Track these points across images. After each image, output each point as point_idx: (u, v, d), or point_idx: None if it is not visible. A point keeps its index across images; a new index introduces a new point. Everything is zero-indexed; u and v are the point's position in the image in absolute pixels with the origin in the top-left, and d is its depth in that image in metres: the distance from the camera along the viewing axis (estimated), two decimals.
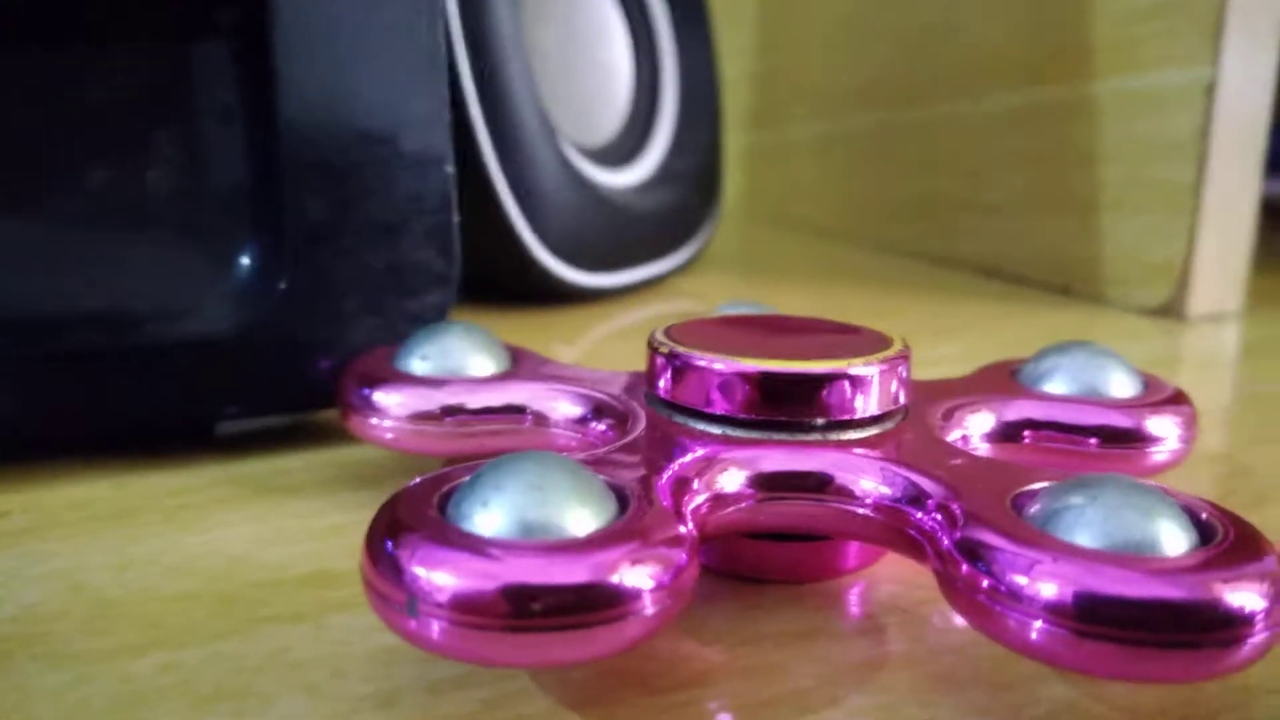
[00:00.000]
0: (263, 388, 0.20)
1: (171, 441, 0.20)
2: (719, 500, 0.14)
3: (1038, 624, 0.11)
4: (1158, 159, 0.33)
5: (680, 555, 0.12)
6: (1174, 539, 0.12)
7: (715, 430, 0.15)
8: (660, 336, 0.16)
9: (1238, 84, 0.31)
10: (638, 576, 0.11)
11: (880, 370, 0.15)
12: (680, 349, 0.16)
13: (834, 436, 0.15)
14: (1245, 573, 0.11)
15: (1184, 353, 0.30)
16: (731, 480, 0.14)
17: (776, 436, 0.15)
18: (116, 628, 0.14)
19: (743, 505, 0.14)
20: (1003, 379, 0.19)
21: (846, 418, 0.15)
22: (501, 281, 0.32)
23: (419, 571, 0.11)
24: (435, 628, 0.11)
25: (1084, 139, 0.35)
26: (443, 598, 0.11)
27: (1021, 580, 0.11)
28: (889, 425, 0.15)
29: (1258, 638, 0.11)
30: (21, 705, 0.12)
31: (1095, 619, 0.11)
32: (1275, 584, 0.11)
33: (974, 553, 0.12)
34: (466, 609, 0.11)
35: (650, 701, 0.13)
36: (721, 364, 0.15)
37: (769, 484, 0.14)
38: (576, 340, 0.30)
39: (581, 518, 0.12)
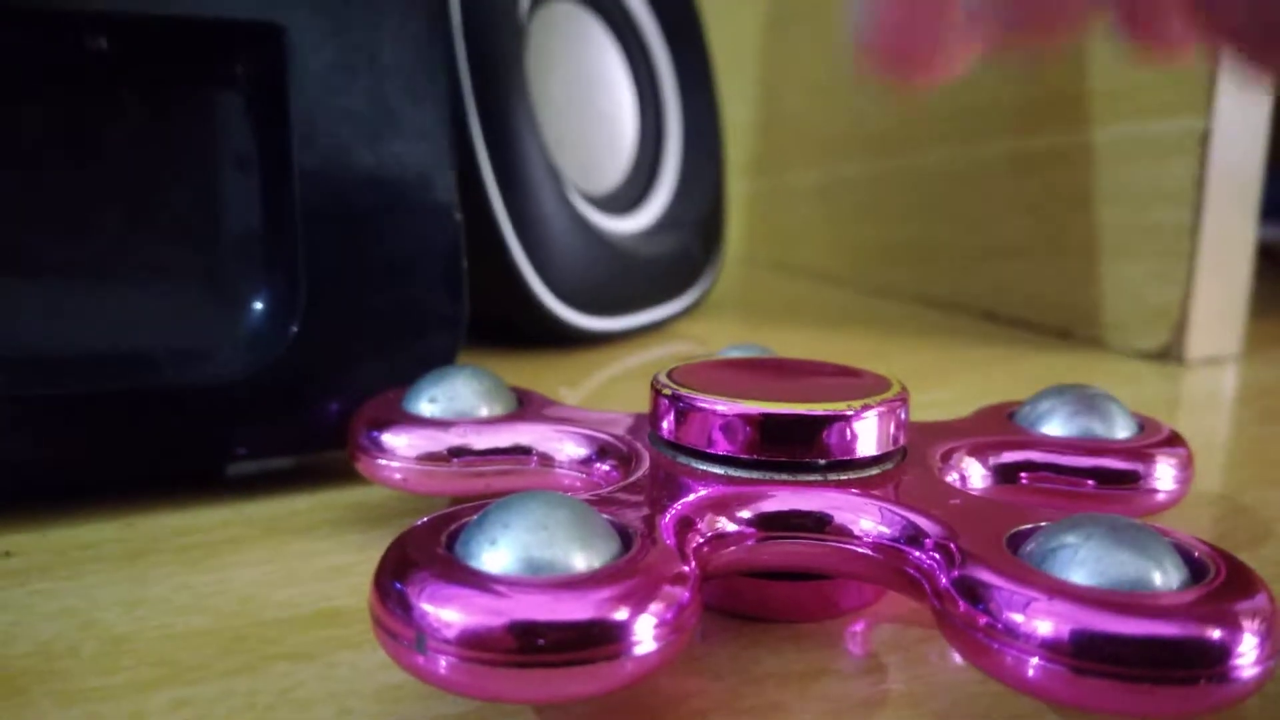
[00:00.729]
0: (273, 429, 0.21)
1: (182, 482, 0.21)
2: (721, 539, 0.14)
3: (1034, 661, 0.11)
4: (1155, 205, 0.33)
5: (683, 593, 0.12)
6: (1166, 576, 0.12)
7: (718, 470, 0.15)
8: (663, 379, 0.17)
9: (1232, 132, 0.32)
10: (640, 614, 0.11)
11: (879, 412, 0.15)
12: (683, 391, 0.16)
13: (834, 477, 0.15)
14: (1237, 609, 0.11)
15: (1183, 396, 0.30)
16: (733, 520, 0.15)
17: (778, 477, 0.15)
18: (128, 665, 0.14)
19: (745, 544, 0.15)
20: (1000, 421, 0.19)
21: (846, 458, 0.15)
22: (508, 325, 0.33)
23: (427, 608, 0.11)
24: (443, 663, 0.11)
25: (1081, 185, 0.36)
26: (450, 634, 0.11)
27: (1018, 618, 0.12)
28: (888, 466, 0.16)
29: (1250, 672, 0.11)
30: None
31: (1090, 656, 0.11)
32: (1266, 619, 0.11)
33: (971, 591, 0.12)
34: (474, 645, 0.11)
35: None
36: (724, 406, 0.15)
37: (770, 523, 0.15)
38: (581, 383, 0.30)
39: (586, 556, 0.12)
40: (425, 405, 0.19)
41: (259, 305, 0.21)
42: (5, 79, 0.20)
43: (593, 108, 0.36)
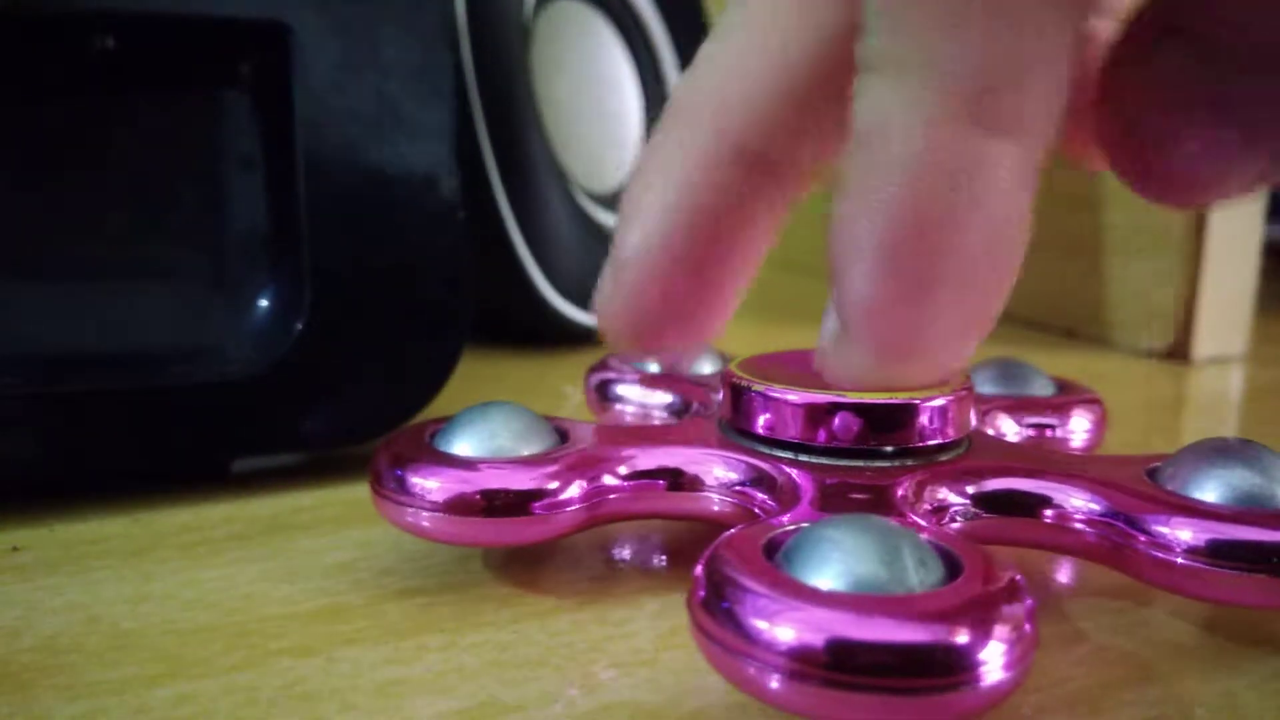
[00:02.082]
0: (278, 426, 0.21)
1: (187, 479, 0.21)
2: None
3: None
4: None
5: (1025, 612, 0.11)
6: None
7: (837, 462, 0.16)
8: (759, 385, 0.16)
9: None
10: (989, 639, 0.11)
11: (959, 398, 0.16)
12: (776, 388, 0.16)
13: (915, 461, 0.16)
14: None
15: (1188, 395, 0.30)
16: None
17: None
18: (133, 659, 0.14)
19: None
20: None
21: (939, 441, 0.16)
22: (512, 322, 0.33)
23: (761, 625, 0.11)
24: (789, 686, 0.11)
25: (1087, 183, 0.36)
26: (807, 650, 0.11)
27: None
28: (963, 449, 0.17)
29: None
30: None
31: (829, 665, 0.11)
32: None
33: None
34: (829, 664, 0.11)
35: None
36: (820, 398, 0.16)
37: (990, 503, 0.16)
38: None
39: (922, 578, 0.12)
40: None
41: (264, 303, 0.22)
42: (12, 78, 0.20)
43: (598, 106, 0.36)
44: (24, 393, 0.19)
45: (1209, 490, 0.15)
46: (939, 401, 0.16)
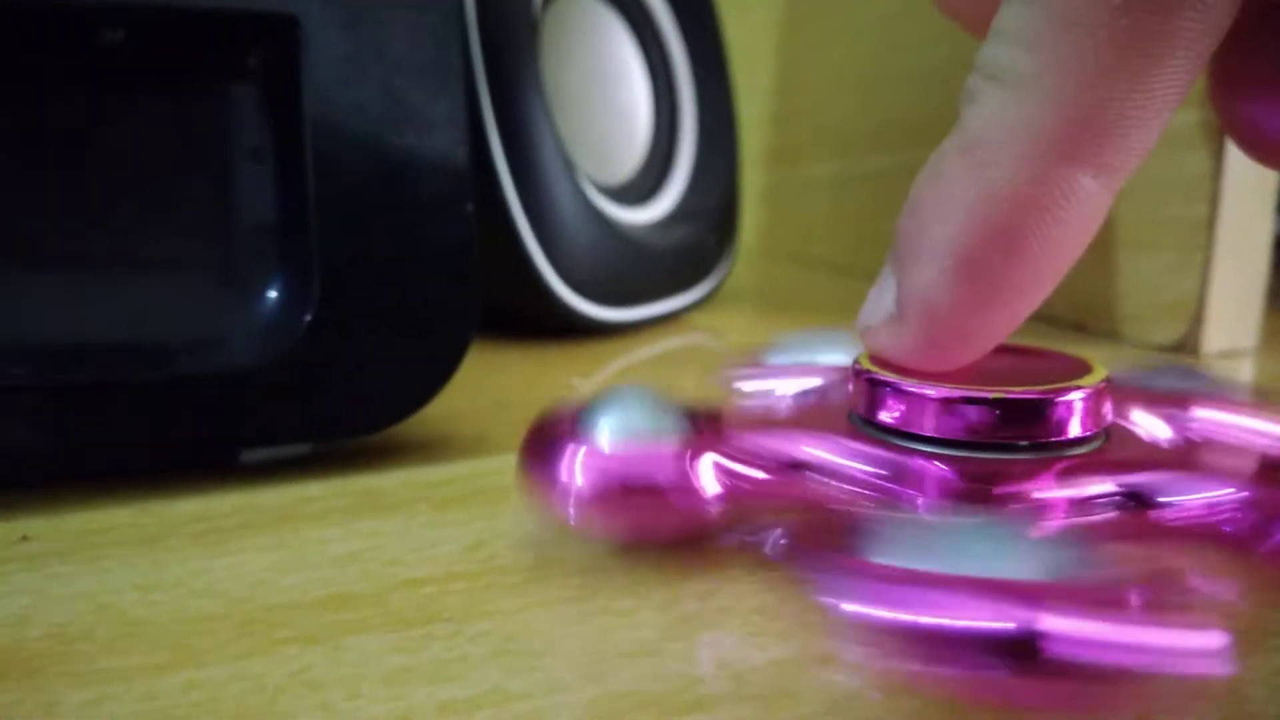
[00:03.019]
0: (286, 417, 0.21)
1: (196, 469, 0.21)
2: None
3: None
4: (1171, 198, 0.33)
5: None
6: None
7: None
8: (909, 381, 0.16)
9: None
10: None
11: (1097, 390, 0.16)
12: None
13: (1066, 453, 0.16)
14: None
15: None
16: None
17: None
18: (141, 647, 0.14)
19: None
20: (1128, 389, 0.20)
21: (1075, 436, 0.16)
22: (521, 314, 0.33)
23: None
24: None
25: None
26: None
27: None
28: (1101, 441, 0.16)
29: None
30: None
31: None
32: None
33: None
34: None
35: None
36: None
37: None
38: (593, 374, 0.31)
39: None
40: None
41: (273, 295, 0.22)
42: (22, 70, 0.20)
43: (607, 99, 0.36)
44: (34, 383, 0.19)
45: None
46: (1074, 396, 0.16)
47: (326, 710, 0.13)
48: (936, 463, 0.16)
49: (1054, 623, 0.11)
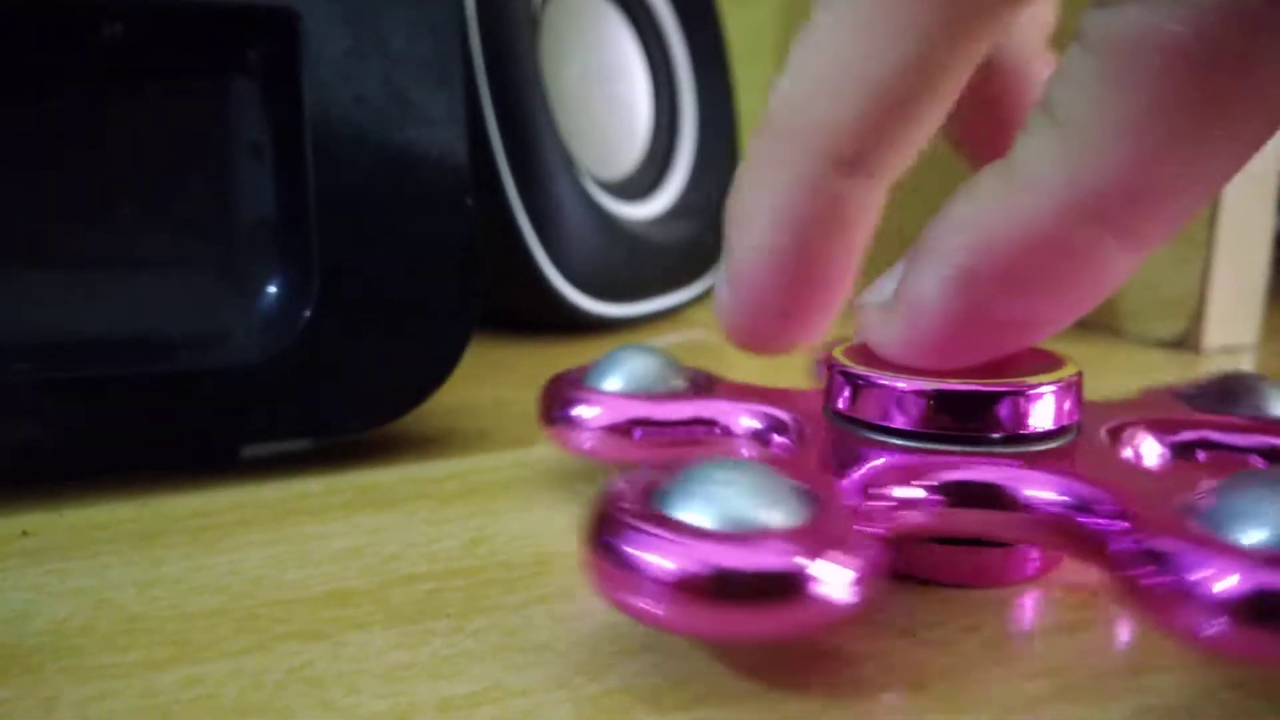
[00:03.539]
0: (286, 413, 0.21)
1: (196, 464, 0.21)
2: (904, 505, 0.15)
3: (1214, 621, 0.12)
4: None
5: (862, 547, 0.13)
6: None
7: (897, 442, 0.16)
8: (839, 357, 0.17)
9: None
10: (827, 563, 0.12)
11: (1057, 389, 0.16)
12: (861, 369, 0.17)
13: (1008, 450, 0.16)
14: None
15: None
16: (916, 487, 0.15)
17: (954, 449, 0.16)
18: (141, 643, 0.14)
19: (927, 510, 0.15)
20: (1168, 401, 0.20)
21: (1022, 433, 0.16)
22: (521, 310, 0.33)
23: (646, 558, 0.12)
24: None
25: None
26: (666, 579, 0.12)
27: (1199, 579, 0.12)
28: (1064, 440, 0.16)
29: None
30: (48, 718, 0.13)
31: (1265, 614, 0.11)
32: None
33: (1154, 556, 0.12)
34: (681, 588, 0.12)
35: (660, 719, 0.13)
36: (904, 383, 0.16)
37: (952, 492, 0.15)
38: None
39: (779, 514, 0.13)
40: (610, 382, 0.20)
41: (273, 290, 0.22)
42: (22, 66, 0.20)
43: (608, 94, 0.36)
44: (34, 379, 0.19)
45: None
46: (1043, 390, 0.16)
47: (326, 706, 0.13)
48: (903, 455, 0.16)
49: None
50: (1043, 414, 0.16)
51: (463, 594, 0.16)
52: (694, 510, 0.13)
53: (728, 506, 0.13)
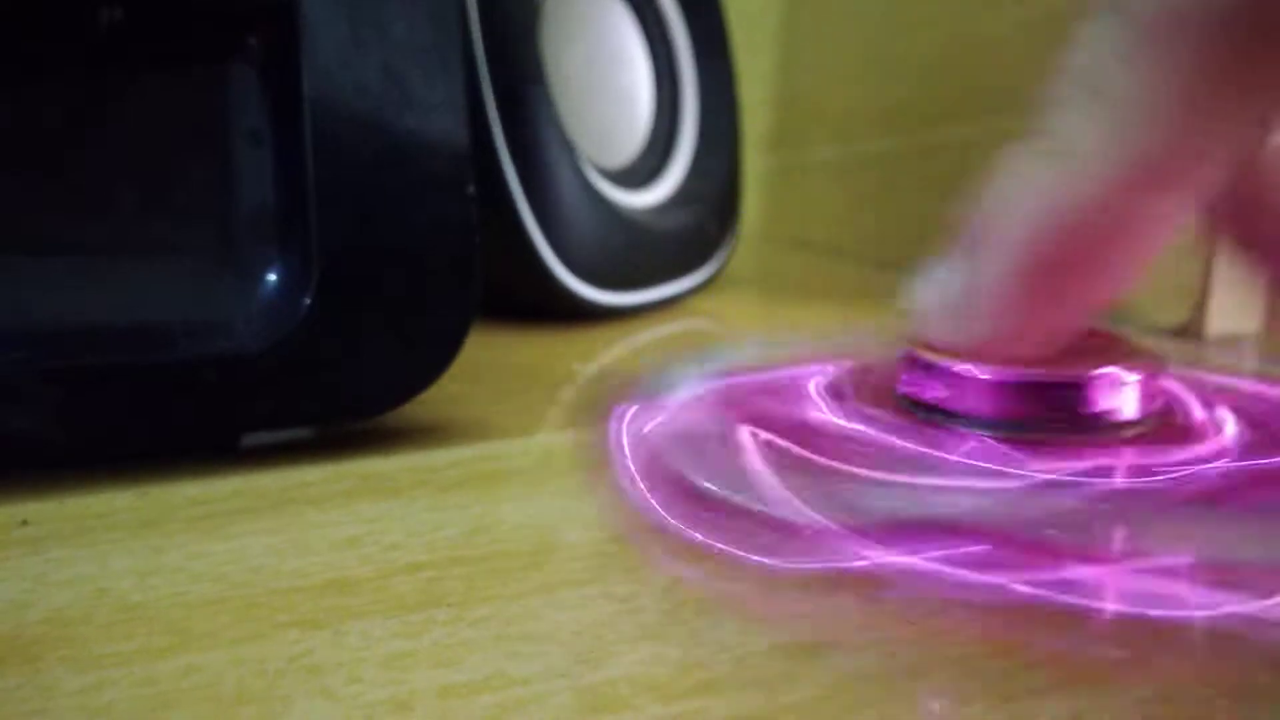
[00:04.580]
0: (286, 401, 0.21)
1: (196, 453, 0.21)
2: None
3: None
4: None
5: None
6: None
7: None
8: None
9: None
10: None
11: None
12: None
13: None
14: None
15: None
16: None
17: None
18: (141, 632, 0.14)
19: None
20: None
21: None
22: (522, 299, 0.33)
23: None
24: None
25: None
26: None
27: None
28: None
29: None
30: (48, 706, 0.13)
31: None
32: None
33: None
34: None
35: (660, 710, 0.13)
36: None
37: None
38: (594, 357, 0.30)
39: None
40: None
41: (272, 279, 0.21)
42: (21, 52, 0.20)
43: (609, 82, 0.36)
44: (34, 368, 0.19)
45: None
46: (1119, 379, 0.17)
47: (327, 695, 0.13)
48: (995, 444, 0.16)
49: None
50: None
51: (463, 583, 0.16)
52: None
53: None
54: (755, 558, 0.15)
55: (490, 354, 0.29)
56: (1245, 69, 0.13)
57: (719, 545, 0.15)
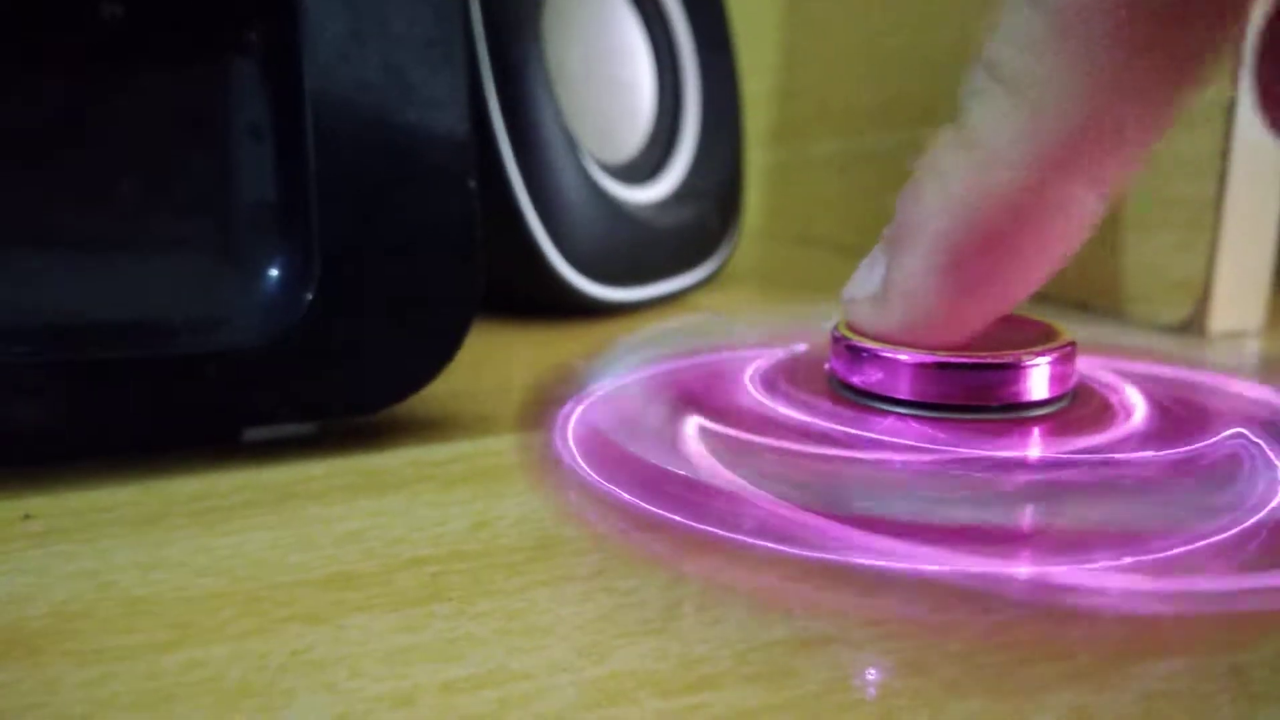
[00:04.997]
0: (288, 396, 0.21)
1: (199, 447, 0.21)
2: None
3: None
4: (1178, 176, 0.33)
5: None
6: None
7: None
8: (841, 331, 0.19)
9: None
10: None
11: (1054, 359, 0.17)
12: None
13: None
14: None
15: (1219, 370, 0.30)
16: None
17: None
18: (143, 625, 0.14)
19: None
20: None
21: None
22: (523, 294, 0.33)
23: None
24: None
25: None
26: None
27: None
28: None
29: None
30: (50, 700, 0.13)
31: None
32: None
33: None
34: None
35: (662, 704, 0.13)
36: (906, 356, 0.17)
37: None
38: (595, 354, 0.30)
39: None
40: None
41: (274, 273, 0.21)
42: (22, 46, 0.20)
43: (610, 76, 0.36)
44: (36, 362, 0.19)
45: None
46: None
47: (329, 689, 0.13)
48: (914, 423, 0.17)
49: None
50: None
51: (466, 577, 0.16)
52: None
53: None
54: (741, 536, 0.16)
55: (493, 350, 0.29)
56: (1157, 45, 0.13)
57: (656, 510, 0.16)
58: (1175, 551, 0.14)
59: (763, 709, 0.13)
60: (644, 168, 0.37)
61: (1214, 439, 0.17)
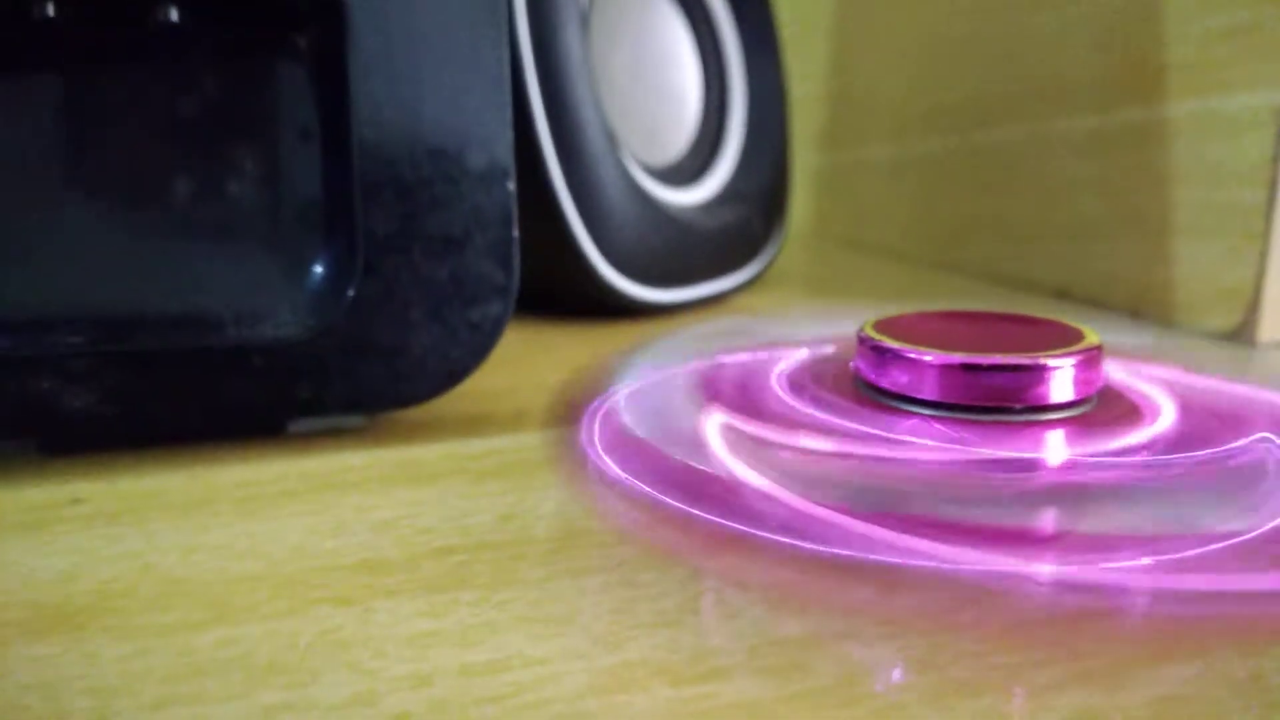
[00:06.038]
0: (330, 389, 0.22)
1: (244, 437, 0.22)
2: None
3: None
4: (1229, 183, 0.32)
5: None
6: None
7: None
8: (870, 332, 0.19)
9: None
10: None
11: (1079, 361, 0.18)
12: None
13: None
14: None
15: (1254, 379, 0.30)
16: None
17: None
18: (181, 605, 0.15)
19: None
20: None
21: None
22: (565, 294, 0.33)
23: None
24: None
25: (1156, 162, 0.35)
26: None
27: None
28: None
29: None
30: (89, 672, 0.13)
31: None
32: None
33: None
34: None
35: (672, 693, 0.13)
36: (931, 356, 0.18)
37: None
38: (630, 352, 0.31)
39: None
40: None
41: (319, 269, 0.22)
42: (78, 50, 0.21)
43: (656, 79, 0.37)
44: (90, 351, 0.20)
45: None
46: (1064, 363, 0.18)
47: (353, 668, 0.13)
48: (937, 423, 0.17)
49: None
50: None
51: (491, 566, 0.16)
52: None
53: None
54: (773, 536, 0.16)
55: (533, 349, 0.30)
56: None
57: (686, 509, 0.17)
58: (1194, 553, 0.14)
59: (771, 701, 0.13)
60: (688, 170, 0.37)
61: (1239, 443, 0.17)
